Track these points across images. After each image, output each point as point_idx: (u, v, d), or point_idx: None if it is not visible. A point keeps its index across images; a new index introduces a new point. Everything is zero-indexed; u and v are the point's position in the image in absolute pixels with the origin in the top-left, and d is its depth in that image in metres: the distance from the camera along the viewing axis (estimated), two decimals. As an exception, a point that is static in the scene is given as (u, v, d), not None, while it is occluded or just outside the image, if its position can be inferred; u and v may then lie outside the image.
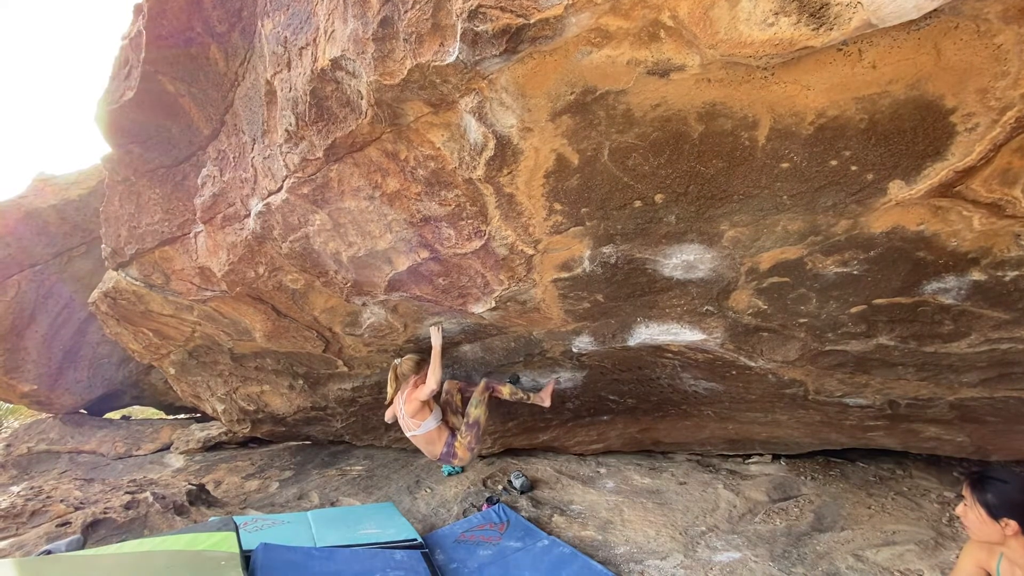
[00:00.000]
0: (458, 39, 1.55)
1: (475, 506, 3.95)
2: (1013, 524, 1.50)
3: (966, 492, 1.61)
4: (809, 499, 3.60)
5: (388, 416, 3.51)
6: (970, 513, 1.58)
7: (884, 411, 3.02)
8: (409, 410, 3.22)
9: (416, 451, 5.16)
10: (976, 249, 1.85)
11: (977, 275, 1.93)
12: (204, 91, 2.79)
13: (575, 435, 4.44)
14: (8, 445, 6.84)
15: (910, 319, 2.23)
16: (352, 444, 5.63)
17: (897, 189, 1.71)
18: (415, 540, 3.30)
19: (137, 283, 3.69)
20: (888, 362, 2.54)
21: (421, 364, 3.28)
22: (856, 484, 3.80)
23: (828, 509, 3.46)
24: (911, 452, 3.85)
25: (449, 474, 4.60)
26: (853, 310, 2.26)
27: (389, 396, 3.36)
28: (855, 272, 2.08)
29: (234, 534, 2.75)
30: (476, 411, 3.30)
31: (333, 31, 1.86)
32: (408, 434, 3.33)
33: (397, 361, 3.35)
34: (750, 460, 4.38)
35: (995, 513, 1.52)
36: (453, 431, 3.36)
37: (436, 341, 3.12)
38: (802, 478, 3.95)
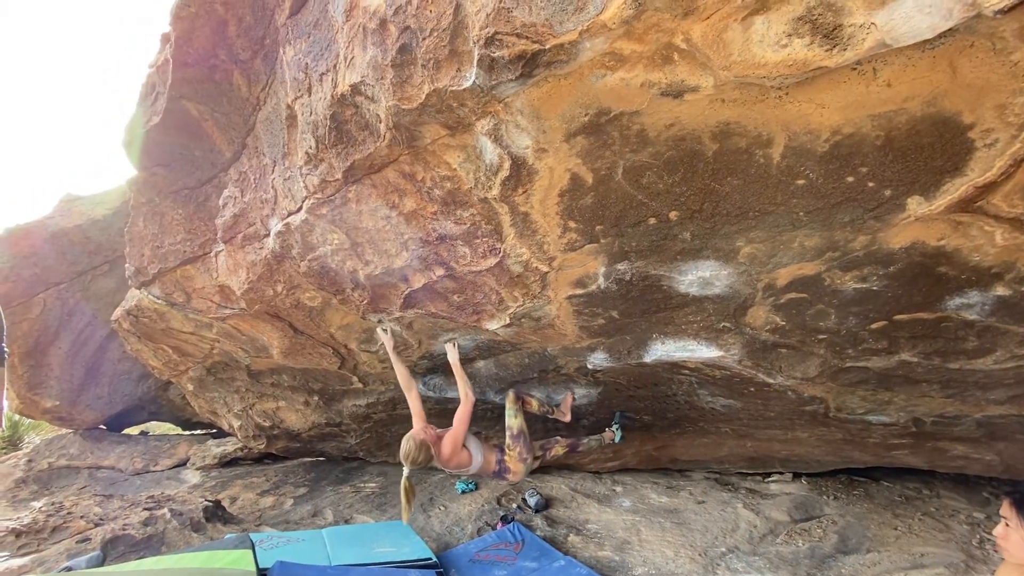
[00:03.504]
0: (475, 65, 1.59)
1: (490, 525, 3.91)
2: None
3: (1008, 512, 1.53)
4: (833, 519, 3.50)
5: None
6: (1012, 535, 1.52)
7: (909, 429, 2.95)
8: (456, 463, 3.05)
9: (429, 469, 5.13)
10: (999, 264, 1.82)
11: (1001, 290, 1.90)
12: (227, 115, 2.88)
13: (590, 452, 4.39)
14: (30, 460, 6.94)
15: (933, 335, 2.19)
16: (366, 461, 5.63)
17: (916, 205, 1.70)
18: (430, 559, 3.27)
19: (159, 301, 3.77)
20: (911, 379, 2.49)
21: (423, 446, 2.98)
22: (881, 504, 3.69)
23: (853, 530, 3.36)
24: (938, 471, 3.74)
25: (463, 492, 4.57)
26: (874, 326, 2.23)
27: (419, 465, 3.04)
28: (875, 288, 2.05)
29: (251, 552, 2.76)
30: (515, 421, 3.18)
31: (353, 58, 1.92)
32: (466, 475, 3.17)
33: (407, 471, 3.00)
34: (770, 478, 4.28)
35: None
36: (500, 447, 3.23)
37: (453, 357, 3.09)
38: (824, 497, 3.85)
